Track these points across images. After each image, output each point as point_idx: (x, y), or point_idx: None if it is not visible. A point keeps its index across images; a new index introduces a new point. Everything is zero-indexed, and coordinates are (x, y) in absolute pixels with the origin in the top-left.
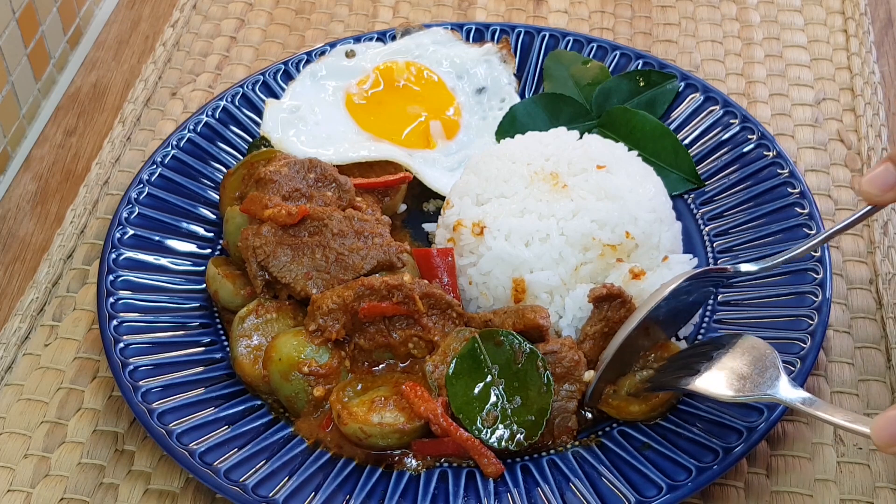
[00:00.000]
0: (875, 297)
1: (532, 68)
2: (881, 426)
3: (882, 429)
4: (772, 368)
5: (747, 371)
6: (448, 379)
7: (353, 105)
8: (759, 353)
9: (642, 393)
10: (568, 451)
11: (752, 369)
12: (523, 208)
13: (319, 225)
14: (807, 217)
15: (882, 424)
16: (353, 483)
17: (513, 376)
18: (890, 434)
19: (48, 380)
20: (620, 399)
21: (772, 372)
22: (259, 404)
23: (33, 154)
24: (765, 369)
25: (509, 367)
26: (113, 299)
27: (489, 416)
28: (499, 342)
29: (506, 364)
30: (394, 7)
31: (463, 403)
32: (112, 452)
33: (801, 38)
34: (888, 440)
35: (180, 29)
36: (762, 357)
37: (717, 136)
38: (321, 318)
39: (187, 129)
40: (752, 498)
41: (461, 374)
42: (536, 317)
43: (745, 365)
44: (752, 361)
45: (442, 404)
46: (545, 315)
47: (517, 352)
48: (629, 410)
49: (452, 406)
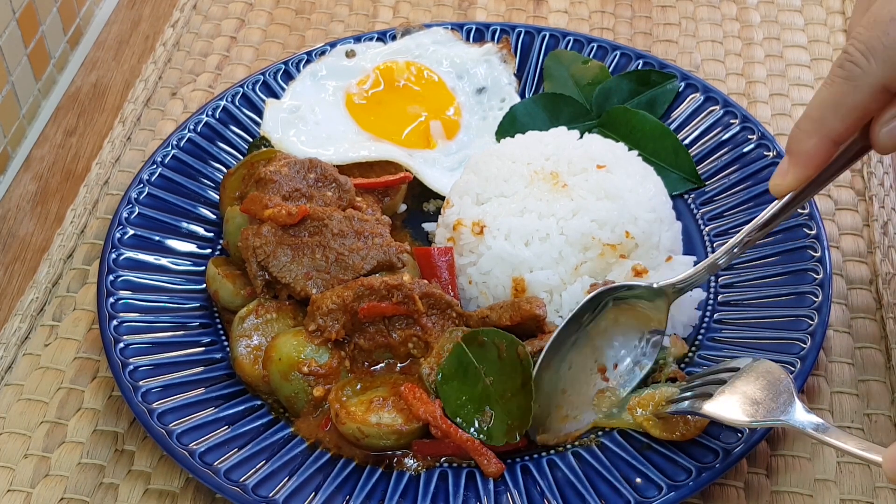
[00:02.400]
0: (875, 297)
1: (532, 68)
2: (893, 457)
3: (894, 460)
4: (785, 394)
5: (761, 396)
6: (439, 385)
7: (354, 105)
8: (774, 378)
9: (664, 415)
10: (568, 451)
11: (765, 394)
12: (523, 208)
13: (319, 225)
14: (807, 217)
15: (894, 455)
16: (352, 483)
17: (499, 370)
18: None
19: (48, 380)
20: (645, 419)
21: (785, 397)
22: (259, 404)
23: (33, 154)
24: (778, 394)
25: (495, 363)
26: (113, 299)
27: (486, 416)
28: (481, 342)
29: (492, 360)
30: (394, 7)
31: (458, 407)
32: (112, 452)
33: (801, 38)
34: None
35: (180, 29)
36: (776, 381)
37: (717, 136)
38: (321, 318)
39: (187, 129)
40: (752, 498)
41: (450, 379)
42: (533, 307)
43: (759, 389)
44: (766, 386)
45: (440, 406)
46: (541, 305)
47: (499, 345)
48: (651, 431)
49: (447, 411)
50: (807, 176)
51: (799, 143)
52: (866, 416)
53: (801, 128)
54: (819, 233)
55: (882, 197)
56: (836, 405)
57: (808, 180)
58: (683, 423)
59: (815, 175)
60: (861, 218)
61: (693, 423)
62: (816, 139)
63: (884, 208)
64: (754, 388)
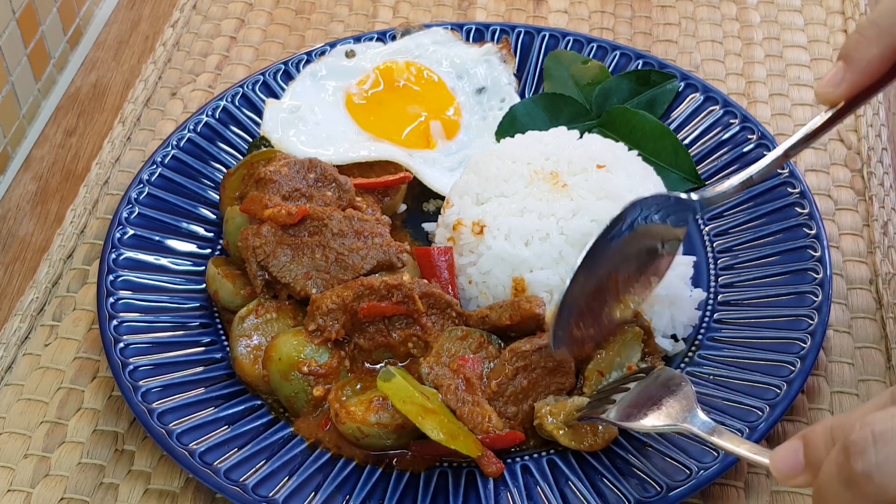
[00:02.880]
0: (875, 297)
1: (532, 68)
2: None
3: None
4: (685, 400)
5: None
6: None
7: (353, 105)
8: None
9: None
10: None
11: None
12: (523, 208)
13: (319, 225)
14: (807, 217)
15: (781, 456)
16: (352, 483)
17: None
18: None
19: (48, 380)
20: (555, 427)
21: (685, 403)
22: (259, 404)
23: (33, 154)
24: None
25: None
26: (113, 299)
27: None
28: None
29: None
30: (394, 7)
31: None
32: (112, 452)
33: (801, 38)
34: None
35: (180, 29)
36: (678, 388)
37: (717, 136)
38: (321, 318)
39: (187, 129)
40: (752, 498)
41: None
42: (532, 306)
43: (662, 396)
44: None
45: None
46: (541, 304)
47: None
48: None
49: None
50: (862, 85)
51: (859, 49)
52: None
53: (864, 34)
54: (819, 233)
55: (882, 197)
56: (836, 405)
57: (862, 89)
58: (592, 433)
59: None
60: (861, 218)
61: (601, 435)
62: (879, 48)
63: (884, 208)
64: (657, 395)
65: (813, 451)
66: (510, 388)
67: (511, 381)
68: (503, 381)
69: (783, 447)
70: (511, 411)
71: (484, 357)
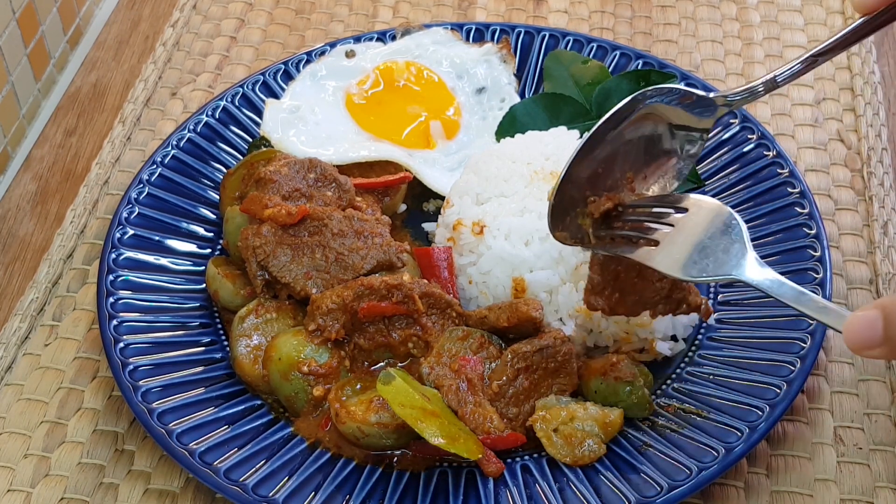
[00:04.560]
0: (875, 297)
1: (532, 68)
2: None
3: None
4: (738, 244)
5: (710, 245)
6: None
7: (353, 105)
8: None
9: (567, 431)
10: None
11: (716, 243)
12: (523, 207)
13: (319, 225)
14: (807, 217)
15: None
16: (352, 483)
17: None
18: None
19: (48, 380)
20: (544, 434)
21: (737, 248)
22: (259, 404)
23: (33, 154)
24: (730, 244)
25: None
26: (113, 299)
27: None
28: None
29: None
30: (394, 7)
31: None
32: (112, 452)
33: (801, 38)
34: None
35: (180, 29)
36: (728, 229)
37: (717, 136)
38: (321, 318)
39: (187, 129)
40: (752, 498)
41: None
42: (529, 309)
43: (709, 238)
44: (717, 234)
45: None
46: (538, 307)
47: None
48: (547, 447)
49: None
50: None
51: None
52: (866, 415)
53: None
54: (819, 233)
55: (882, 197)
56: (836, 405)
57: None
58: (578, 446)
59: None
60: (861, 218)
61: (587, 454)
62: None
63: (884, 208)
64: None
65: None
66: (511, 389)
67: (512, 383)
68: (504, 382)
69: (859, 317)
70: (512, 412)
71: (485, 357)
